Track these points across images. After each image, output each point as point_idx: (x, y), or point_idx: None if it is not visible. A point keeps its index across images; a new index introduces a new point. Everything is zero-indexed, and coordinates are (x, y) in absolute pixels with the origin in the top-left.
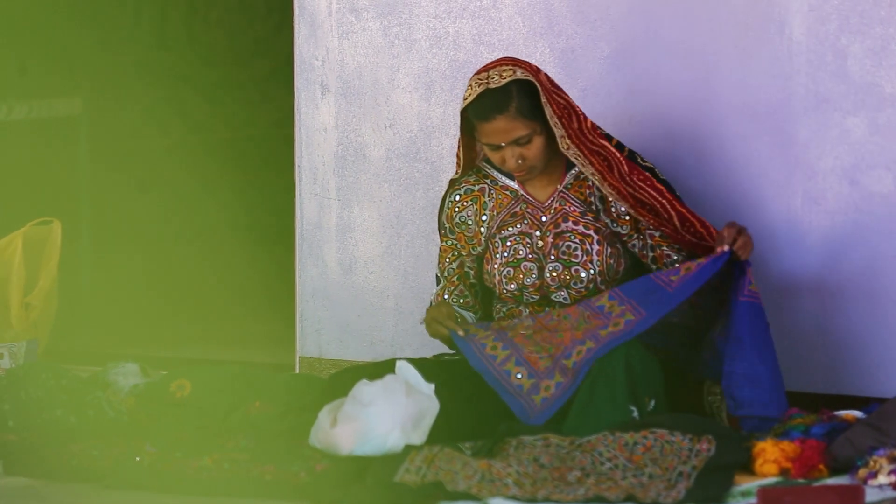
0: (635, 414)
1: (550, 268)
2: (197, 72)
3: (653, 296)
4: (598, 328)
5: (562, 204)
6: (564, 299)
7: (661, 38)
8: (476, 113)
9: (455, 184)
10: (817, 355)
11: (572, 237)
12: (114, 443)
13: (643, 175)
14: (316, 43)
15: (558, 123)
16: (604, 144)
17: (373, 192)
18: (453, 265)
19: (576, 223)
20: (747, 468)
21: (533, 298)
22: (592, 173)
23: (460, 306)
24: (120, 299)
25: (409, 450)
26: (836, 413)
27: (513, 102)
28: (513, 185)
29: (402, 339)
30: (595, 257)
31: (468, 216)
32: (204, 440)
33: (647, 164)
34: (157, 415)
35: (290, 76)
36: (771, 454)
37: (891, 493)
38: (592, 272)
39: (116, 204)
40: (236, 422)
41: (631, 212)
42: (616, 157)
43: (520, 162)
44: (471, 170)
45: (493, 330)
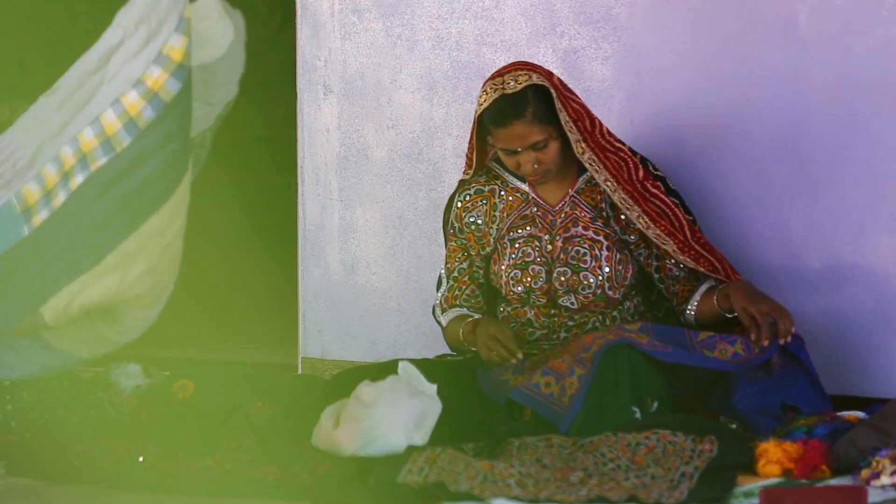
0: (638, 415)
1: (558, 272)
2: None
3: (681, 348)
4: (619, 331)
5: (572, 208)
6: (571, 304)
7: (664, 38)
8: (492, 118)
9: (465, 184)
10: (820, 356)
11: (581, 242)
12: (116, 443)
13: (655, 184)
14: (318, 43)
15: (573, 128)
16: (620, 147)
17: (375, 192)
18: (463, 265)
19: (585, 228)
20: (750, 469)
21: (540, 301)
22: (606, 179)
23: (470, 307)
24: None
25: (411, 450)
26: (838, 414)
27: (529, 107)
28: (524, 187)
29: (405, 340)
30: (604, 263)
31: (478, 216)
32: (206, 441)
33: (659, 174)
34: (160, 415)
35: (292, 77)
36: (773, 455)
37: (893, 494)
38: (601, 278)
39: None
40: (239, 422)
41: (644, 217)
42: (631, 161)
43: (536, 166)
44: (480, 171)
45: (532, 367)
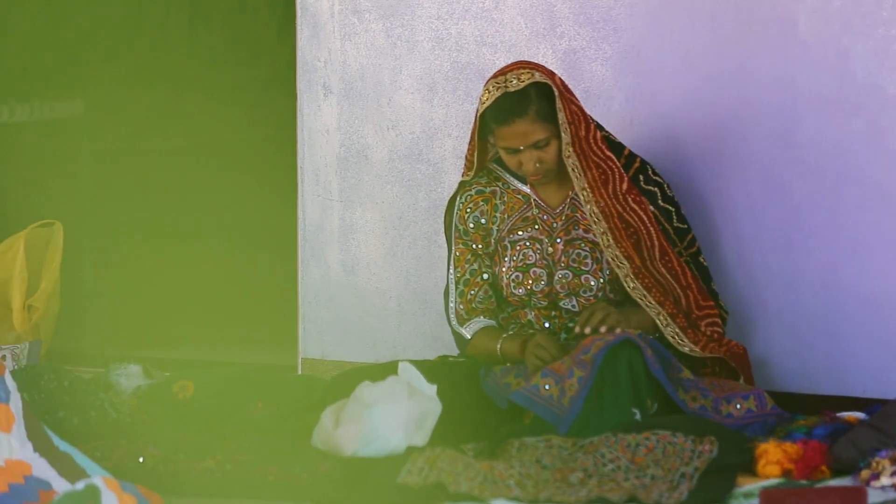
0: (638, 416)
1: (560, 275)
2: (199, 73)
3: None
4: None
5: (573, 211)
6: (573, 307)
7: (664, 39)
8: (495, 116)
9: (466, 185)
10: (820, 357)
11: (582, 245)
12: (116, 444)
13: (639, 198)
14: (318, 44)
15: (567, 129)
16: (608, 157)
17: (375, 193)
18: (473, 266)
19: (586, 231)
20: (750, 469)
21: (541, 304)
22: (582, 188)
23: (485, 311)
24: (122, 301)
25: (411, 451)
26: (838, 415)
27: (532, 106)
28: (525, 189)
29: (405, 341)
30: (605, 266)
31: (481, 214)
32: (207, 441)
33: (658, 179)
34: (160, 416)
35: (292, 78)
36: (773, 455)
37: (893, 495)
38: (602, 281)
39: (118, 206)
40: (239, 423)
41: (608, 235)
42: (618, 172)
43: (537, 165)
44: (481, 172)
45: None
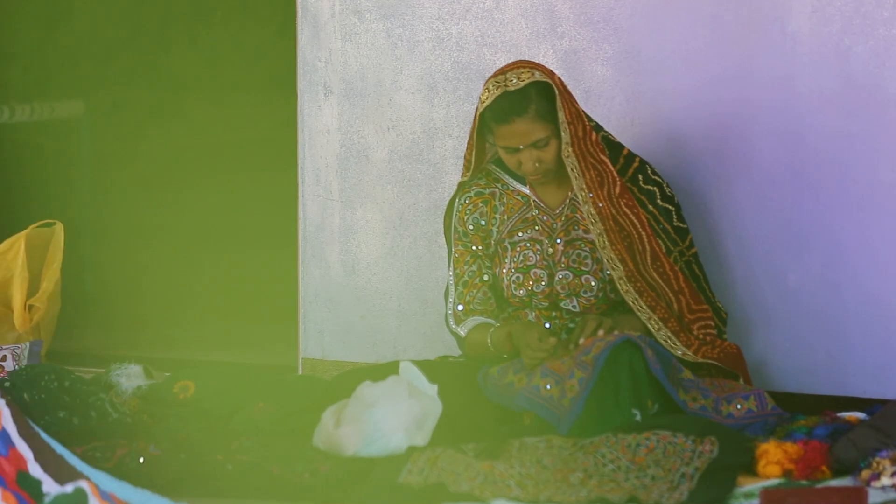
0: (638, 417)
1: (560, 276)
2: (199, 73)
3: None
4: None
5: (572, 211)
6: (574, 307)
7: (665, 39)
8: (494, 115)
9: (465, 186)
10: (820, 357)
11: (582, 245)
12: (117, 444)
13: (632, 202)
14: (319, 44)
15: (567, 129)
16: (603, 160)
17: (375, 193)
18: (472, 268)
19: (586, 231)
20: (750, 469)
21: (542, 305)
22: (581, 188)
23: (484, 312)
24: (123, 301)
25: (412, 451)
26: (838, 415)
27: (532, 105)
28: (524, 189)
29: (405, 341)
30: (605, 266)
31: (480, 216)
32: (207, 442)
33: (657, 179)
34: (161, 416)
35: (292, 78)
36: (774, 455)
37: (894, 495)
38: (602, 281)
39: (119, 205)
40: (240, 423)
41: (603, 237)
42: (612, 176)
43: (537, 165)
44: (480, 173)
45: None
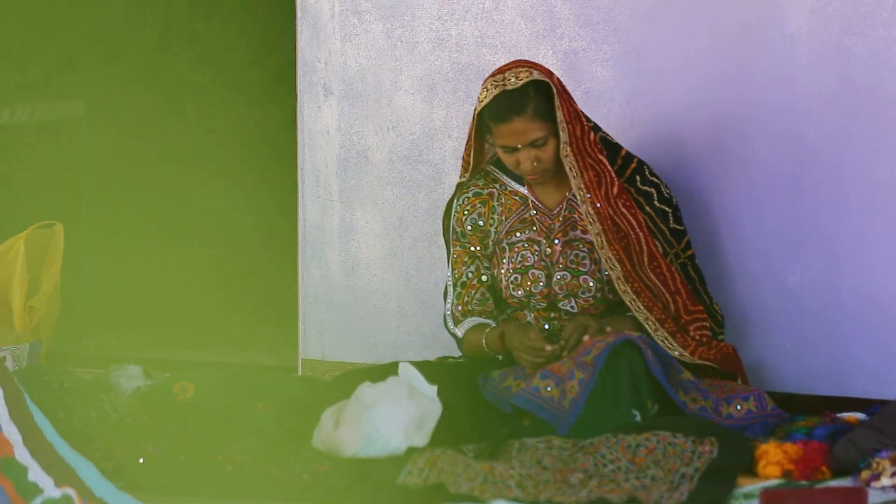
0: (638, 418)
1: (558, 276)
2: (199, 74)
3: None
4: (619, 333)
5: (571, 212)
6: (572, 308)
7: (664, 40)
8: (493, 114)
9: (463, 187)
10: (820, 357)
11: (580, 246)
12: (117, 445)
13: (629, 202)
14: (318, 45)
15: (565, 128)
16: (601, 160)
17: (375, 194)
18: (470, 268)
19: (584, 232)
20: (750, 470)
21: (540, 306)
22: (579, 188)
23: (482, 313)
24: (123, 302)
25: (411, 452)
26: (838, 415)
27: (530, 104)
28: (522, 190)
29: (405, 342)
30: (603, 266)
31: (478, 216)
32: (207, 442)
33: (655, 180)
34: (160, 417)
35: (292, 79)
36: (774, 456)
37: (893, 495)
38: (600, 282)
39: (119, 206)
40: (239, 424)
41: (602, 237)
42: (610, 177)
43: (535, 164)
44: (478, 173)
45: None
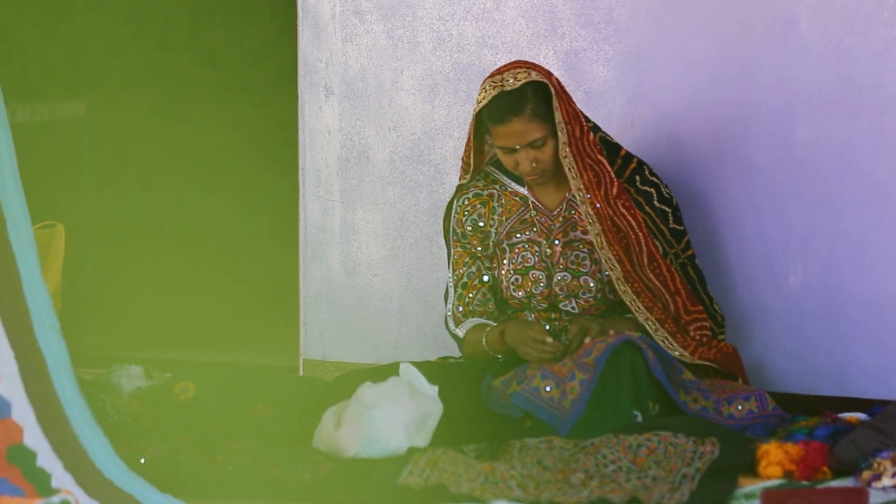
0: (639, 418)
1: (559, 277)
2: (200, 74)
3: (682, 380)
4: (620, 334)
5: (571, 212)
6: (573, 308)
7: (665, 40)
8: (491, 115)
9: (463, 188)
10: (821, 358)
11: (581, 246)
12: (117, 445)
13: (629, 203)
14: (319, 45)
15: (564, 129)
16: (600, 160)
17: (376, 194)
18: (471, 269)
19: (584, 232)
20: (751, 470)
21: (541, 306)
22: (579, 188)
23: (483, 313)
24: (123, 302)
25: (412, 452)
26: (839, 415)
27: (528, 104)
28: (522, 191)
29: (406, 342)
30: (603, 267)
31: (478, 218)
32: (208, 443)
33: (654, 180)
34: (161, 417)
35: (293, 78)
36: (775, 456)
37: (894, 496)
38: (601, 282)
39: (120, 207)
40: (240, 424)
41: (602, 237)
42: (609, 177)
43: (534, 165)
44: (478, 175)
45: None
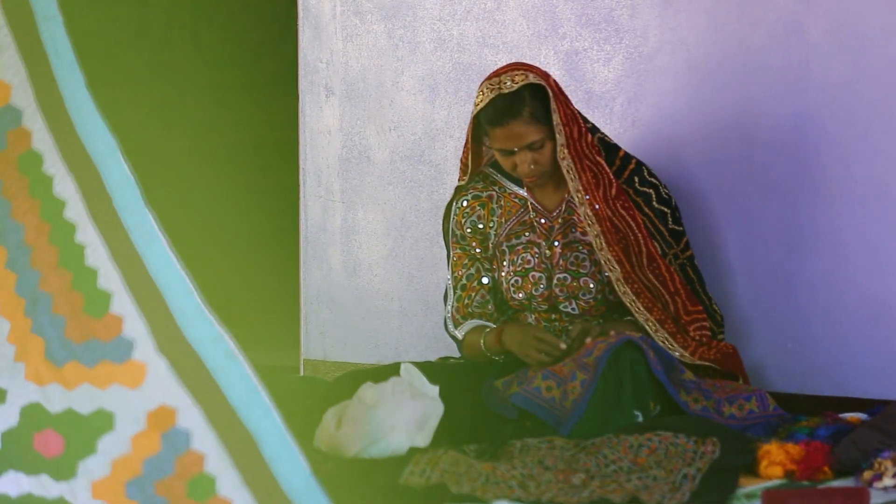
0: (640, 418)
1: (559, 278)
2: (201, 75)
3: (681, 379)
4: (620, 334)
5: (570, 214)
6: (573, 309)
7: (666, 40)
8: (489, 118)
9: (462, 190)
10: (822, 358)
11: (580, 248)
12: None
13: (628, 204)
14: (320, 45)
15: (562, 131)
16: (599, 162)
17: (377, 194)
18: (471, 271)
19: (584, 233)
20: (752, 470)
21: (541, 308)
22: (577, 190)
23: (482, 315)
24: None
25: (413, 452)
26: (840, 415)
27: (526, 107)
28: (521, 192)
29: (407, 342)
30: (603, 268)
31: (478, 220)
32: None
33: (653, 181)
34: None
35: (294, 79)
36: (776, 456)
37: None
38: (601, 283)
39: None
40: None
41: (601, 238)
42: (608, 178)
43: (532, 167)
44: (477, 176)
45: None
